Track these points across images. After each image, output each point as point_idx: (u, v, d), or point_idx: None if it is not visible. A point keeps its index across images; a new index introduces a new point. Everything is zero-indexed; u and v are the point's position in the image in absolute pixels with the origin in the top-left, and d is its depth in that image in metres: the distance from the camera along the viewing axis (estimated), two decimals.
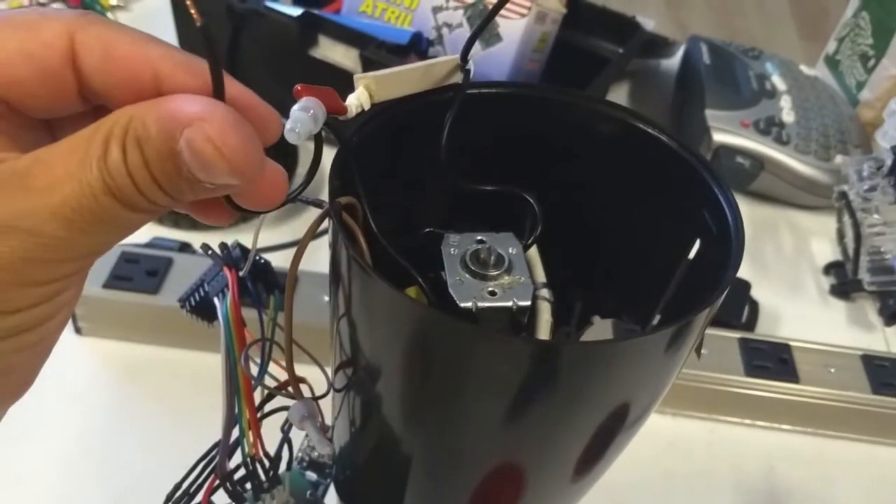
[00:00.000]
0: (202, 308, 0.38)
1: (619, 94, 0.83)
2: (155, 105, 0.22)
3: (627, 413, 0.31)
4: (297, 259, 0.29)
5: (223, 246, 0.36)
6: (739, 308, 0.59)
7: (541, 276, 0.34)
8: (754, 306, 0.61)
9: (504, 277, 0.31)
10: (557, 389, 0.27)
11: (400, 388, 0.30)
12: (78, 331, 0.55)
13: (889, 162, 0.60)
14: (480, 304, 0.30)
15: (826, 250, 0.70)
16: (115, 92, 0.23)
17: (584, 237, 0.37)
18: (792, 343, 0.55)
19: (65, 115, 0.24)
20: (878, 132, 0.69)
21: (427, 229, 0.34)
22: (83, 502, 0.47)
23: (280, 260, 0.41)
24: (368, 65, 0.62)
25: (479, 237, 0.33)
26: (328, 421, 0.37)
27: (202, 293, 0.37)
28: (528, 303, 0.31)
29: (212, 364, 0.34)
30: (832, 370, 0.54)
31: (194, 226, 0.63)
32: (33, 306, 0.22)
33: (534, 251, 0.35)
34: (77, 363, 0.54)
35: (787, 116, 0.72)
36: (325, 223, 0.29)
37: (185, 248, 0.58)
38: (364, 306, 0.28)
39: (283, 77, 0.72)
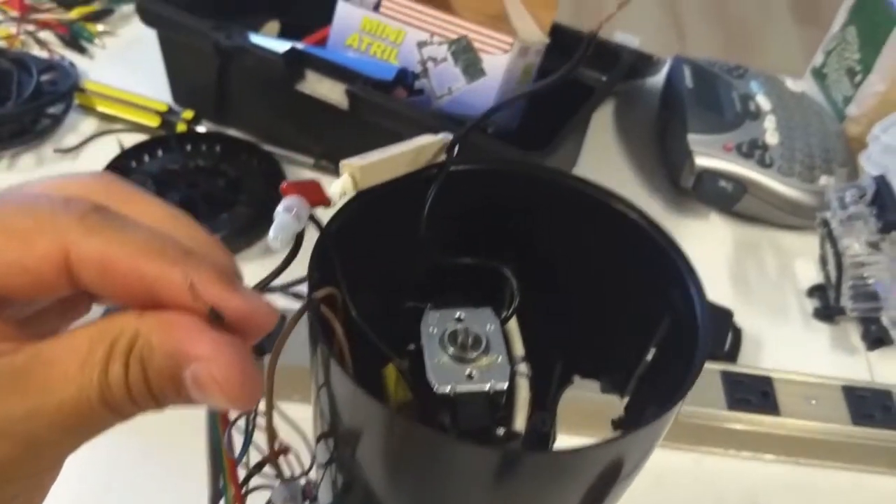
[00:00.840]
0: None
1: (603, 115, 0.83)
2: (163, 328, 0.22)
3: (605, 496, 0.32)
4: (274, 358, 0.29)
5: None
6: (722, 337, 0.60)
7: (519, 349, 0.35)
8: (737, 334, 0.62)
9: (482, 359, 0.32)
10: (526, 491, 0.27)
11: (376, 474, 0.31)
12: None
13: (871, 191, 0.61)
14: (458, 389, 0.31)
15: (810, 271, 0.71)
16: (112, 299, 0.24)
17: (561, 303, 0.38)
18: (773, 375, 0.56)
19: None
20: (863, 155, 0.69)
21: (409, 304, 0.35)
22: None
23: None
24: (355, 100, 0.63)
25: (457, 314, 0.34)
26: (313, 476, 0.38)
27: None
28: (506, 385, 0.32)
29: (201, 415, 0.35)
30: (813, 402, 0.55)
31: None
32: (11, 500, 0.23)
33: (513, 323, 0.36)
34: None
35: (771, 138, 0.73)
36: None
37: None
38: (341, 404, 0.29)
39: (271, 110, 0.73)
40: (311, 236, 0.29)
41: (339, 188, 0.30)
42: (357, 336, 0.31)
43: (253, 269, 0.35)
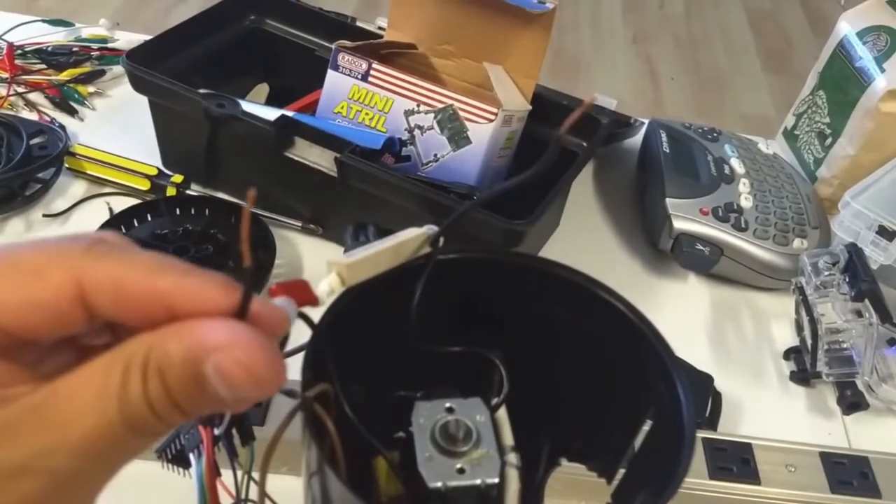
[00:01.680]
0: (179, 459, 0.39)
1: (583, 177, 0.85)
2: (176, 333, 0.22)
3: None
4: (268, 455, 0.30)
5: None
6: (703, 403, 0.62)
7: (509, 438, 0.36)
8: (717, 399, 0.63)
9: (473, 452, 0.33)
10: None
11: None
12: None
13: (843, 259, 0.63)
14: (450, 484, 0.32)
15: (786, 332, 0.72)
16: (129, 321, 0.24)
17: (549, 388, 0.39)
18: (753, 442, 0.57)
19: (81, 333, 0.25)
20: (835, 221, 0.71)
21: (399, 393, 0.36)
22: None
23: None
24: (343, 167, 0.64)
25: (447, 405, 0.35)
26: None
27: (178, 446, 0.38)
28: (496, 480, 0.33)
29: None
30: (792, 469, 0.56)
31: None
32: None
33: (503, 412, 0.37)
34: None
35: (746, 202, 0.75)
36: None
37: None
38: (331, 500, 0.30)
39: (260, 175, 0.74)
40: (299, 333, 0.30)
41: (326, 286, 0.30)
42: (349, 427, 0.32)
43: None
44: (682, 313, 0.73)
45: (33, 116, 0.83)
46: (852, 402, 0.63)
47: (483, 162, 0.66)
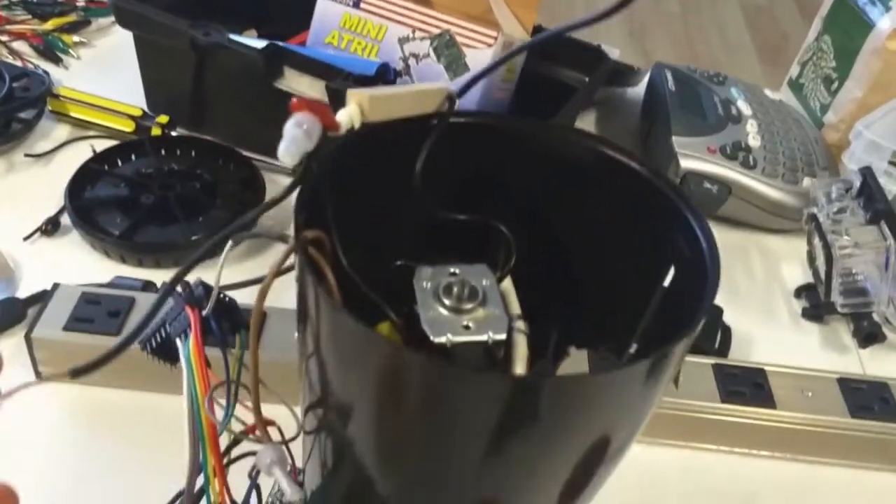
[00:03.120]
0: (164, 349, 0.36)
1: (586, 123, 0.83)
2: None
3: (607, 446, 0.30)
4: (261, 296, 0.28)
5: (185, 284, 0.35)
6: (712, 334, 0.59)
7: (516, 308, 0.33)
8: (727, 332, 0.60)
9: (478, 311, 0.31)
10: (535, 425, 0.26)
11: (373, 429, 0.29)
12: (38, 375, 0.53)
13: (857, 183, 0.60)
14: (455, 339, 0.29)
15: (796, 273, 0.70)
16: None
17: (558, 267, 0.36)
18: (767, 368, 0.55)
19: None
20: (845, 154, 0.69)
21: (399, 262, 0.33)
22: None
23: (246, 297, 0.40)
24: (336, 97, 0.62)
25: (452, 269, 0.32)
26: (299, 464, 0.36)
27: (164, 334, 0.36)
28: (504, 336, 0.30)
29: (177, 407, 0.33)
30: (809, 394, 0.53)
31: (157, 264, 0.61)
32: None
33: (508, 283, 0.34)
34: (38, 409, 0.52)
35: (754, 141, 0.73)
36: (292, 259, 0.28)
37: (148, 286, 0.57)
38: (334, 344, 0.27)
39: (248, 113, 0.72)
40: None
41: (346, 116, 0.28)
42: (345, 292, 0.30)
43: (229, 273, 0.34)
44: None
45: (17, 64, 0.80)
46: (869, 332, 0.60)
47: (483, 91, 0.64)
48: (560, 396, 0.25)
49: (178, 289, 0.35)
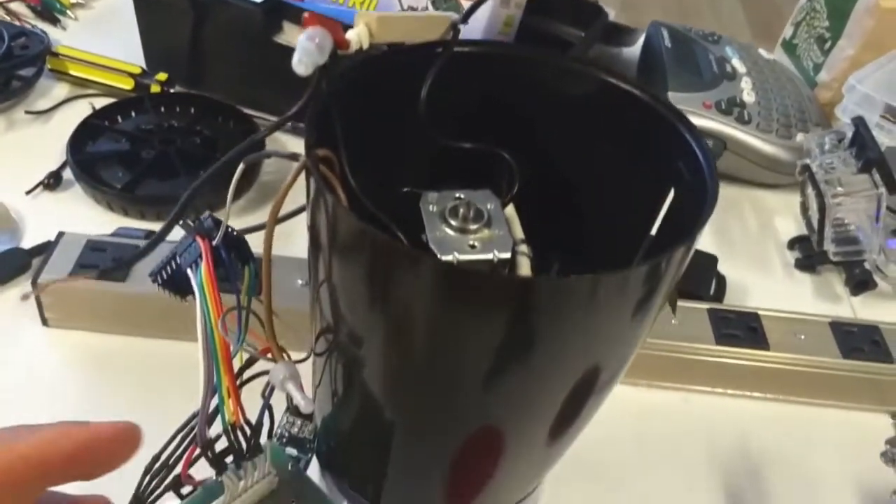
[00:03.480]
0: (174, 282, 0.37)
1: None
2: None
3: (606, 362, 0.31)
4: (275, 210, 0.28)
5: (196, 217, 0.36)
6: (707, 281, 0.60)
7: (519, 233, 0.34)
8: (721, 280, 0.61)
9: (483, 231, 0.32)
10: (537, 328, 0.27)
11: (383, 342, 0.30)
12: (45, 322, 0.54)
13: (850, 134, 0.61)
14: (461, 258, 0.30)
15: (790, 227, 0.71)
16: None
17: (560, 195, 0.37)
18: (761, 312, 0.56)
19: None
20: (838, 108, 0.70)
21: (406, 189, 0.34)
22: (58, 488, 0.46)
23: (259, 242, 0.41)
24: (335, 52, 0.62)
25: (457, 194, 0.33)
26: (308, 392, 0.37)
27: (174, 265, 0.37)
28: (509, 255, 0.31)
29: (182, 352, 0.33)
30: (801, 337, 0.55)
31: (159, 216, 0.62)
32: None
33: (511, 210, 0.35)
34: (45, 355, 0.53)
35: (748, 97, 0.73)
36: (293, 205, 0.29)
37: (150, 236, 0.57)
38: (345, 255, 0.28)
39: (247, 69, 0.72)
40: None
41: (355, 34, 0.29)
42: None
43: (237, 224, 0.34)
44: None
45: (15, 24, 0.80)
46: (860, 280, 0.61)
47: None
48: (564, 297, 0.26)
49: (189, 222, 0.36)
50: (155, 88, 0.73)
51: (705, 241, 0.68)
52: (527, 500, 0.38)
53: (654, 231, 0.33)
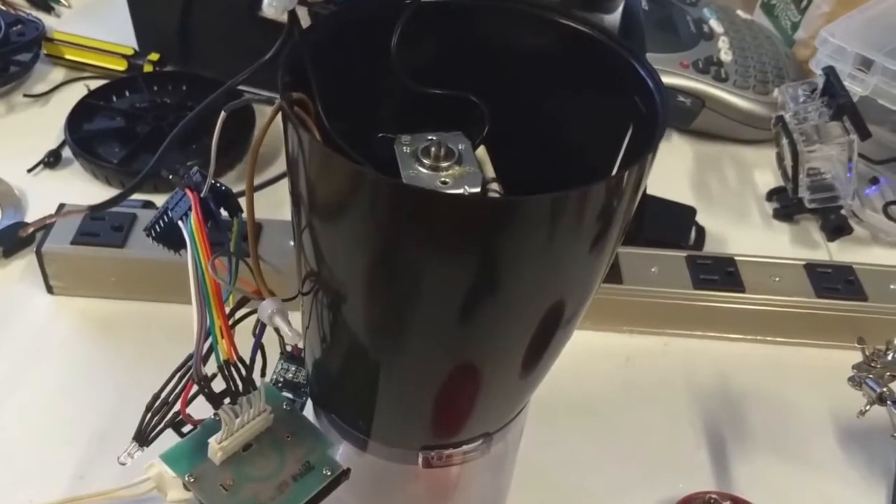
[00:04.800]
0: (168, 234, 0.39)
1: None
2: None
3: (567, 290, 0.33)
4: (256, 145, 0.30)
5: (185, 171, 0.38)
6: (686, 231, 0.62)
7: (490, 172, 0.36)
8: (701, 231, 0.64)
9: (455, 168, 0.34)
10: (500, 249, 0.29)
11: (357, 273, 0.32)
12: (50, 290, 0.56)
13: (821, 84, 0.63)
14: (427, 188, 0.32)
15: (769, 180, 0.73)
16: None
17: (529, 142, 0.39)
18: (737, 257, 0.58)
19: None
20: (812, 61, 0.71)
21: (380, 134, 0.36)
22: (66, 442, 0.48)
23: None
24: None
25: (430, 136, 0.35)
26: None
27: (167, 219, 0.39)
28: (479, 189, 0.33)
29: (182, 315, 0.35)
30: (777, 279, 0.57)
31: (155, 188, 0.64)
32: None
33: (482, 152, 0.37)
34: (50, 322, 0.55)
35: (725, 56, 0.75)
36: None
37: (147, 205, 0.60)
38: (319, 185, 0.30)
39: (235, 42, 0.74)
40: None
41: None
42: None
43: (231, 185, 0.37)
44: (665, 168, 0.73)
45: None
46: (836, 225, 0.63)
47: None
48: (525, 216, 0.28)
49: (178, 176, 0.38)
50: (147, 68, 0.75)
51: (684, 197, 0.70)
52: (511, 424, 0.40)
53: (615, 169, 0.35)
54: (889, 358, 0.44)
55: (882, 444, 0.50)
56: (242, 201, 0.38)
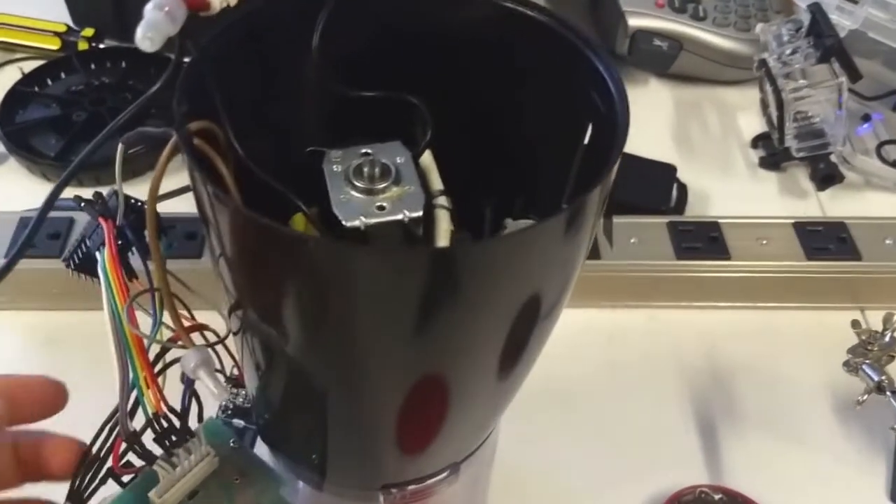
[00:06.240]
0: (86, 265, 0.35)
1: None
2: None
3: (538, 308, 0.30)
4: (151, 197, 0.27)
5: (98, 195, 0.34)
6: (667, 193, 0.58)
7: (437, 183, 0.32)
8: (682, 189, 0.60)
9: (392, 189, 0.30)
10: (459, 294, 0.25)
11: (294, 322, 0.28)
12: None
13: (807, 22, 0.58)
14: (368, 221, 0.28)
15: (754, 123, 0.68)
16: None
17: (480, 138, 0.35)
18: (721, 220, 0.54)
19: None
20: None
21: (309, 149, 0.32)
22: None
23: (180, 206, 0.39)
24: None
25: (363, 150, 0.31)
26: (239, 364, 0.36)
27: (84, 249, 0.35)
28: (420, 213, 0.29)
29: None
30: (764, 242, 0.53)
31: (98, 180, 0.60)
32: None
33: (428, 158, 0.33)
34: None
35: None
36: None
37: (85, 204, 0.55)
38: (238, 243, 0.26)
39: None
40: None
41: None
42: (250, 190, 0.28)
43: (174, 182, 0.32)
44: (643, 117, 0.69)
45: None
46: (826, 174, 0.59)
47: None
48: (479, 261, 0.24)
49: (91, 202, 0.34)
50: (82, 45, 0.69)
51: (663, 149, 0.66)
52: (477, 454, 0.38)
53: (572, 173, 0.31)
54: (886, 339, 0.41)
55: (879, 415, 0.48)
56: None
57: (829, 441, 0.48)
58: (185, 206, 0.36)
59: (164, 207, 0.34)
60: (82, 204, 0.34)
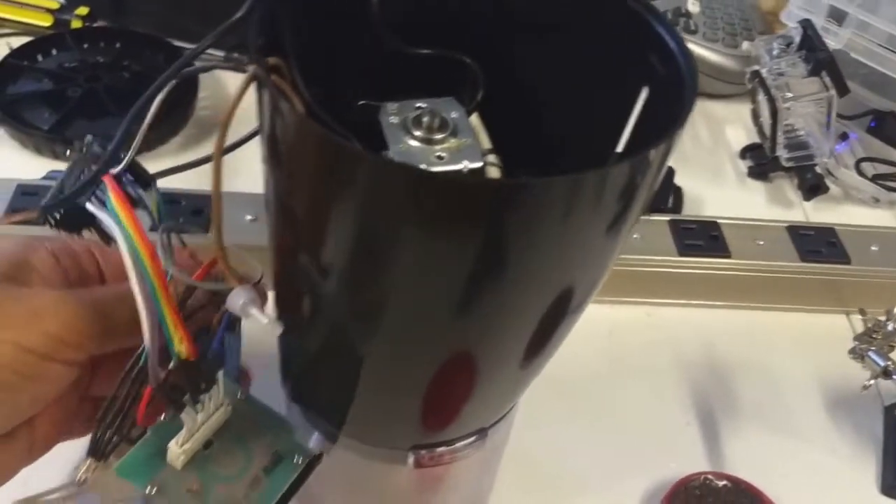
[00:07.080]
0: (69, 219, 0.33)
1: None
2: None
3: (579, 278, 0.30)
4: (225, 124, 0.26)
5: (81, 145, 0.33)
6: (665, 193, 0.60)
7: (486, 143, 0.32)
8: (678, 192, 0.61)
9: (450, 141, 0.30)
10: (512, 236, 0.25)
11: (348, 261, 0.28)
12: None
13: (797, 38, 0.61)
14: (430, 170, 0.28)
15: (741, 136, 0.71)
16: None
17: (526, 107, 0.35)
18: (720, 220, 0.55)
19: None
20: (783, 13, 0.69)
21: (362, 102, 0.32)
22: None
23: (192, 183, 0.38)
24: None
25: (418, 104, 0.31)
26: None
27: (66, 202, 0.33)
28: (480, 164, 0.29)
29: None
30: (760, 242, 0.55)
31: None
32: None
33: (476, 119, 0.33)
34: None
35: (693, 7, 0.72)
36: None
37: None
38: (306, 167, 0.26)
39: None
40: None
41: None
42: None
43: (168, 164, 0.32)
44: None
45: None
46: (812, 184, 0.61)
47: None
48: (542, 201, 0.24)
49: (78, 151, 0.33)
50: (76, 24, 0.68)
51: None
52: (503, 421, 0.38)
53: (625, 136, 0.32)
54: (890, 328, 0.42)
55: (868, 409, 0.49)
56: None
57: (820, 432, 0.50)
58: (191, 182, 0.35)
59: (170, 183, 0.34)
60: (68, 152, 0.33)
